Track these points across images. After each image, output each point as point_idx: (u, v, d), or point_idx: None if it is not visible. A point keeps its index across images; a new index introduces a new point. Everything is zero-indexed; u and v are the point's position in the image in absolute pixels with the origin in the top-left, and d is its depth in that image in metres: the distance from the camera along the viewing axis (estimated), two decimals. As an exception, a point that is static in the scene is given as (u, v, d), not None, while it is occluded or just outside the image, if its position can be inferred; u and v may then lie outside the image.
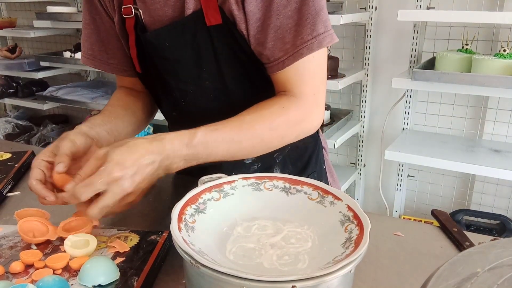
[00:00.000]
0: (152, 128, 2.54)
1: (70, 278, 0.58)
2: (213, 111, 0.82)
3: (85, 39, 0.90)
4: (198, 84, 0.81)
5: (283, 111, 0.73)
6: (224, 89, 0.80)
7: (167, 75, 0.82)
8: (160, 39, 0.77)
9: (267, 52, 0.73)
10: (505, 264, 0.35)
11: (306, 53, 0.71)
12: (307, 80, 0.75)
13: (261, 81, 0.80)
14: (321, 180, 0.97)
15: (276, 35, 0.72)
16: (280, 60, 0.73)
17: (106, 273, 0.56)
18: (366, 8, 2.03)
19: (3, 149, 1.09)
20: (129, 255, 0.62)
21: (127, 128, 0.87)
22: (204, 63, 0.78)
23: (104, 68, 0.91)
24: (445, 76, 1.63)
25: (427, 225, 0.76)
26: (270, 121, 0.72)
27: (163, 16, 0.77)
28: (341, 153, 2.41)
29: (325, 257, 0.51)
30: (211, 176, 0.65)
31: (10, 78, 3.05)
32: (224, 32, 0.74)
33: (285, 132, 0.75)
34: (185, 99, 0.83)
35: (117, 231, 0.69)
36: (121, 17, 0.83)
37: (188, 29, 0.75)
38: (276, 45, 0.72)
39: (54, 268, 0.59)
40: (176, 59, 0.79)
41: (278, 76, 0.76)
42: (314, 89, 0.76)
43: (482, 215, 1.94)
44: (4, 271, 0.59)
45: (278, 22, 0.71)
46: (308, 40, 0.71)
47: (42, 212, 0.71)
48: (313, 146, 0.96)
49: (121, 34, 0.86)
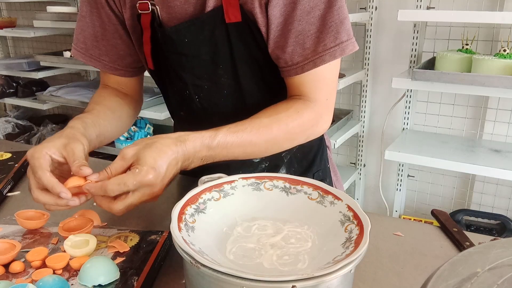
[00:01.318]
0: (152, 128, 2.54)
1: (70, 278, 0.58)
2: (225, 107, 0.83)
3: (78, 31, 0.88)
4: (213, 81, 0.81)
5: (298, 115, 0.75)
6: (237, 86, 0.81)
7: (182, 71, 0.81)
8: (180, 35, 0.77)
9: (285, 56, 0.74)
10: (505, 264, 0.35)
11: (328, 60, 0.73)
12: (322, 86, 0.77)
13: (274, 81, 0.80)
14: (325, 179, 0.98)
15: (297, 40, 0.73)
16: (299, 65, 0.74)
17: (106, 273, 0.56)
18: (366, 8, 2.03)
19: (3, 149, 1.09)
20: (129, 255, 0.62)
21: (112, 133, 0.86)
22: (220, 60, 0.78)
23: (94, 64, 0.89)
24: (445, 76, 1.63)
25: (427, 225, 0.76)
26: (285, 125, 0.74)
27: (183, 13, 0.77)
28: (341, 153, 2.41)
29: (325, 257, 0.51)
30: (211, 176, 0.65)
31: (10, 78, 3.04)
32: (242, 30, 0.75)
33: (297, 135, 0.77)
34: (199, 95, 0.83)
35: (117, 231, 0.69)
36: (134, 13, 0.82)
37: (207, 25, 0.75)
38: (296, 50, 0.73)
39: (54, 268, 0.59)
40: (193, 55, 0.79)
41: (294, 80, 0.77)
42: (327, 94, 0.78)
43: (482, 215, 1.94)
44: (4, 271, 0.59)
45: (300, 28, 0.72)
46: (331, 47, 0.72)
47: (42, 213, 0.71)
48: (318, 145, 0.97)
49: (132, 30, 0.85)
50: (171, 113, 0.97)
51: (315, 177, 0.95)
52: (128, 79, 0.93)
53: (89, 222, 0.68)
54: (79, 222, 0.68)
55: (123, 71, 0.91)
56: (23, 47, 3.51)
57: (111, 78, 0.93)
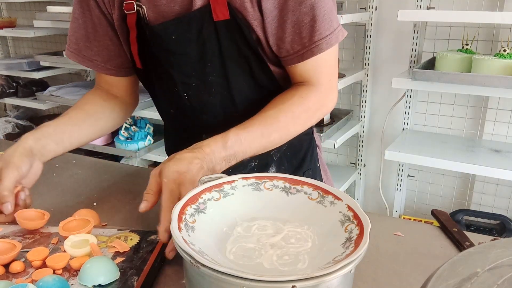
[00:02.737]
0: (152, 128, 2.54)
1: (70, 278, 0.58)
2: (214, 105, 0.84)
3: (71, 33, 0.90)
4: (201, 79, 0.82)
5: (303, 100, 0.78)
6: (226, 84, 0.81)
7: (171, 69, 0.82)
8: (168, 32, 0.78)
9: (286, 46, 0.77)
10: (505, 264, 0.35)
11: (325, 48, 0.76)
12: (324, 70, 0.80)
13: (263, 78, 0.81)
14: (315, 178, 0.99)
15: (294, 30, 0.75)
16: (299, 53, 0.77)
17: (106, 273, 0.56)
18: (366, 8, 2.03)
19: (3, 149, 1.09)
20: (129, 255, 0.62)
21: (82, 136, 0.88)
22: (208, 58, 0.79)
23: (87, 64, 0.92)
24: (445, 76, 1.63)
25: (427, 225, 0.76)
26: (291, 112, 0.77)
27: (169, 12, 0.78)
28: (341, 153, 2.41)
29: (325, 257, 0.51)
30: (211, 176, 0.65)
31: (10, 78, 3.04)
32: (230, 28, 0.76)
33: (306, 119, 0.80)
34: (188, 93, 0.84)
35: (117, 231, 0.69)
36: (122, 13, 0.83)
37: (195, 23, 0.76)
38: (294, 39, 0.76)
39: (54, 268, 0.59)
40: (181, 52, 0.79)
41: (296, 69, 0.80)
42: (329, 75, 0.81)
43: (482, 215, 1.94)
44: (4, 271, 0.59)
45: (295, 18, 0.74)
46: (326, 35, 0.75)
47: (42, 213, 0.71)
48: (307, 144, 0.97)
49: (121, 30, 0.86)
50: (160, 112, 0.98)
51: (305, 176, 0.96)
52: (120, 79, 0.95)
53: (89, 222, 0.68)
54: (79, 222, 0.68)
55: (114, 71, 0.92)
56: (23, 47, 3.51)
57: (103, 78, 0.95)
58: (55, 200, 0.86)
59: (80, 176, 1.00)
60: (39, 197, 0.87)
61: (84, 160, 1.10)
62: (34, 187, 0.78)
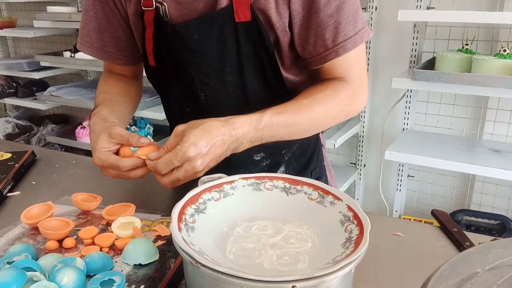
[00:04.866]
0: (152, 128, 2.54)
1: (114, 256, 0.64)
2: (229, 105, 0.84)
3: (82, 25, 0.91)
4: (220, 78, 0.82)
5: (335, 93, 0.79)
6: (242, 85, 0.82)
7: (190, 68, 0.82)
8: (190, 31, 0.78)
9: (310, 48, 0.78)
10: (505, 264, 0.35)
11: (351, 48, 0.76)
12: (354, 67, 0.80)
13: (275, 82, 0.82)
14: (322, 177, 0.99)
15: (316, 32, 0.76)
16: (321, 55, 0.78)
17: (146, 254, 0.62)
18: (366, 8, 2.03)
19: (3, 149, 1.09)
20: (169, 239, 0.67)
21: (127, 115, 0.91)
22: (228, 58, 0.80)
23: (100, 55, 0.92)
24: (445, 76, 1.63)
25: (427, 225, 0.76)
26: (325, 104, 0.78)
27: (192, 10, 0.78)
28: (341, 153, 2.41)
29: (325, 257, 0.51)
30: (211, 176, 0.65)
31: (10, 78, 3.04)
32: (250, 30, 0.76)
33: (337, 113, 0.81)
34: (206, 92, 0.84)
35: (161, 217, 0.75)
36: (138, 9, 0.83)
37: (217, 23, 0.77)
38: (317, 41, 0.77)
39: (102, 246, 0.66)
40: (201, 51, 0.80)
41: (324, 67, 0.80)
42: (360, 73, 0.81)
43: (482, 215, 1.94)
44: (58, 245, 0.67)
45: (318, 20, 0.75)
46: (351, 36, 0.76)
47: (95, 197, 0.79)
48: (314, 143, 0.98)
49: (135, 26, 0.86)
50: (169, 110, 0.97)
51: (312, 174, 0.97)
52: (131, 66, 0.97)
53: (130, 206, 0.75)
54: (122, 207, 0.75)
55: (125, 60, 0.94)
56: (23, 47, 3.51)
57: (115, 65, 0.97)
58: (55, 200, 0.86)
59: (80, 176, 0.99)
60: (39, 196, 0.87)
61: (84, 160, 1.10)
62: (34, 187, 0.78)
